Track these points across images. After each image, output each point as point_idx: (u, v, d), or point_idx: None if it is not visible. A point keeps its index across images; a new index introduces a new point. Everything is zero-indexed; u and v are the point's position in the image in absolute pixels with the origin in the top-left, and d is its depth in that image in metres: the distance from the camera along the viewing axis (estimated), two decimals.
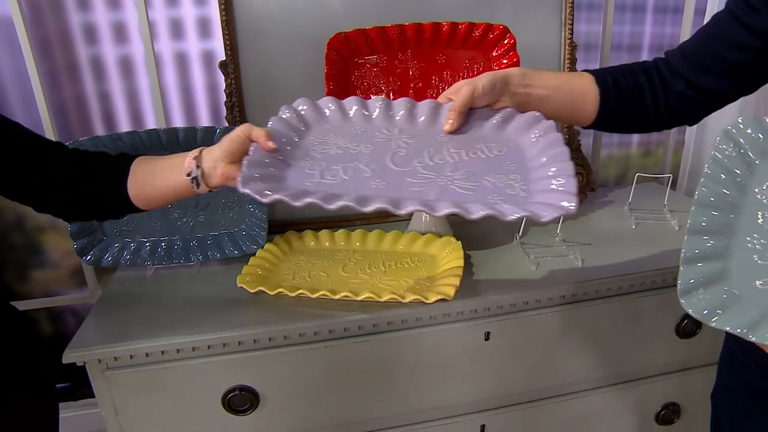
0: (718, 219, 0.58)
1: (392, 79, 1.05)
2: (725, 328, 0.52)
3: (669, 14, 1.54)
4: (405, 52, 1.04)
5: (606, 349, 1.06)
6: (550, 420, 1.09)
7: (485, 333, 0.96)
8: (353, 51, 1.02)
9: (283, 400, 0.93)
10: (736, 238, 0.57)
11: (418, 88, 1.06)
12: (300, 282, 0.97)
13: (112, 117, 1.31)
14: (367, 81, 1.04)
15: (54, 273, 1.49)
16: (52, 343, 1.56)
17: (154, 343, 0.85)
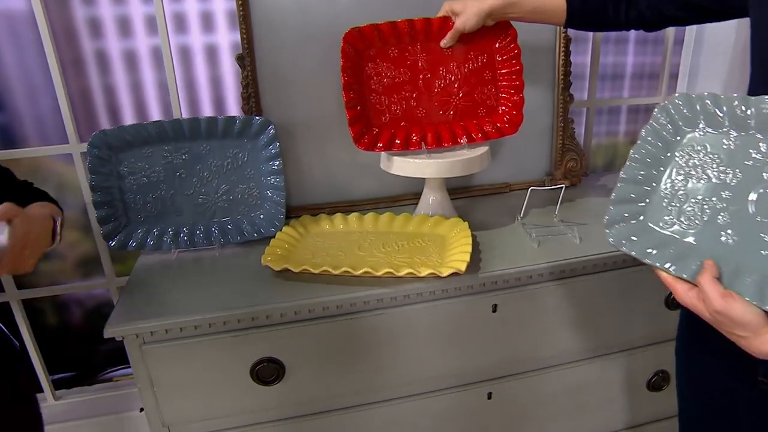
0: (644, 172, 0.73)
1: (402, 70, 1.11)
2: (631, 253, 0.70)
3: None
4: (414, 45, 1.11)
5: (602, 319, 1.14)
6: (552, 387, 1.17)
7: (493, 305, 1.04)
8: (367, 44, 1.09)
9: (307, 370, 1.00)
10: (656, 188, 0.72)
11: (427, 78, 1.13)
12: (320, 261, 1.04)
13: (117, 110, 1.36)
14: (379, 73, 1.11)
15: (59, 264, 1.53)
16: (57, 333, 1.60)
17: (188, 318, 0.91)
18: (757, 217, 0.64)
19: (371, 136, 1.11)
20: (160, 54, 1.28)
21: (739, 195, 0.66)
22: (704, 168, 0.70)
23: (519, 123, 1.14)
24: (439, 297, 1.01)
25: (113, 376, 1.70)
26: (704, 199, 0.69)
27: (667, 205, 0.71)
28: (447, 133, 1.14)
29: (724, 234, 0.66)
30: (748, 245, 0.64)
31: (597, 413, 1.24)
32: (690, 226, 0.69)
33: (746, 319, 0.59)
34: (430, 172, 1.10)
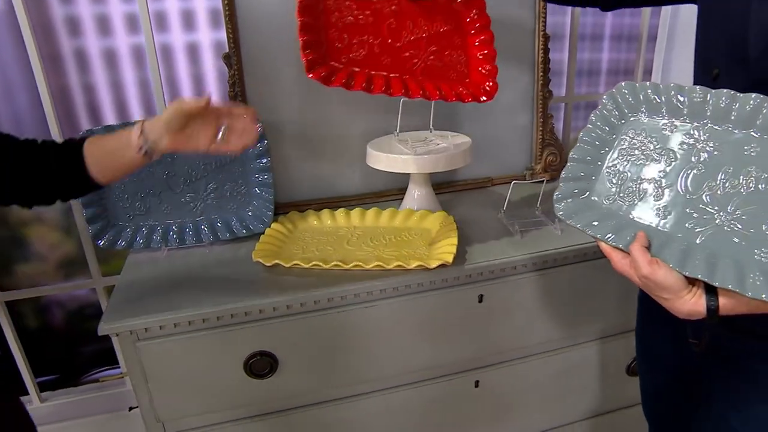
0: (592, 153, 0.81)
1: (367, 12, 1.03)
2: (576, 225, 0.77)
3: None
4: None
5: (583, 308, 1.18)
6: (537, 373, 1.20)
7: (479, 296, 1.07)
8: None
9: (300, 363, 1.02)
10: (601, 167, 0.80)
11: (392, 27, 1.05)
12: (310, 255, 1.06)
13: (97, 108, 1.36)
14: (340, 8, 1.01)
15: (40, 266, 1.52)
16: (39, 336, 1.59)
17: (181, 314, 0.92)
18: (686, 195, 0.73)
19: (327, 68, 0.99)
20: (140, 52, 1.28)
21: (674, 175, 0.75)
22: (643, 150, 0.78)
23: (493, 92, 1.10)
24: (427, 288, 1.03)
25: (98, 377, 1.70)
26: (642, 178, 0.77)
27: (611, 183, 0.79)
28: (415, 87, 1.04)
29: (658, 209, 0.75)
30: (676, 218, 0.73)
31: (580, 398, 1.29)
32: (630, 201, 0.77)
33: (668, 283, 0.66)
34: (414, 167, 1.13)
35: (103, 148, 0.81)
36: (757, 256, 0.65)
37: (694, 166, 0.74)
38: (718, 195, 0.71)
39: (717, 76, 0.74)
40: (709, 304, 0.65)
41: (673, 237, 0.72)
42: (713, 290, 0.65)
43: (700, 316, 0.66)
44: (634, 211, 0.76)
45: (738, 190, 0.70)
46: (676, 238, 0.72)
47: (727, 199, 0.71)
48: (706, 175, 0.72)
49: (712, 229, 0.71)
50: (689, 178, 0.73)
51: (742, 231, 0.69)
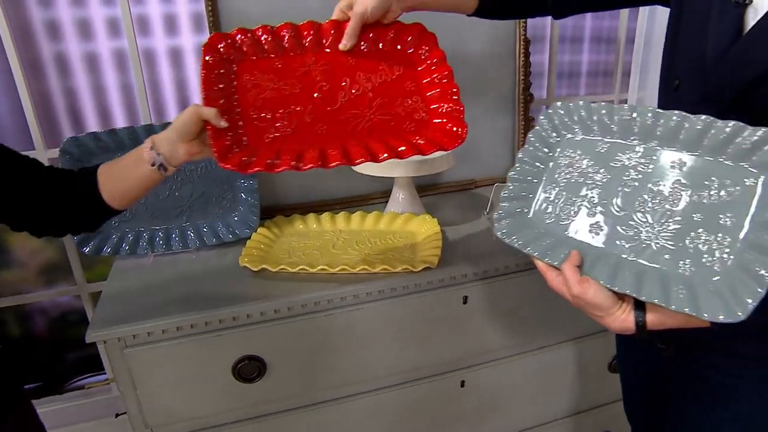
0: (530, 171, 0.83)
1: (291, 82, 0.90)
2: (515, 245, 0.79)
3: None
4: (304, 54, 0.92)
5: (565, 308, 1.19)
6: (521, 372, 1.23)
7: (463, 297, 1.09)
8: (239, 53, 0.90)
9: (288, 366, 1.03)
10: (539, 185, 0.82)
11: (325, 90, 0.91)
12: (296, 260, 1.07)
13: (79, 114, 1.36)
14: (258, 85, 0.89)
15: (21, 273, 1.51)
16: (21, 343, 1.58)
17: (169, 320, 0.93)
18: (618, 212, 0.75)
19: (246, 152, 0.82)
20: (122, 56, 1.28)
21: (606, 192, 0.77)
22: (578, 168, 0.79)
23: (463, 134, 0.86)
24: (413, 291, 1.05)
25: (82, 384, 1.69)
26: (578, 196, 0.79)
27: (548, 202, 0.81)
28: (358, 150, 0.84)
29: (592, 226, 0.77)
30: (609, 236, 0.75)
31: (564, 395, 1.31)
32: (565, 219, 0.78)
33: (598, 301, 0.68)
34: (398, 171, 1.14)
35: (116, 169, 0.80)
36: (681, 269, 0.67)
37: (625, 183, 0.75)
38: (648, 211, 0.73)
39: (677, 87, 0.75)
40: (637, 320, 0.67)
41: (605, 253, 0.74)
42: (642, 306, 0.67)
43: (630, 332, 0.68)
44: (569, 229, 0.78)
45: (666, 206, 0.72)
46: (607, 255, 0.73)
47: (655, 215, 0.72)
48: (637, 192, 0.74)
49: (641, 245, 0.73)
50: (620, 196, 0.75)
51: (669, 246, 0.70)
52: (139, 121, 1.36)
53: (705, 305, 0.63)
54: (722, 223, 0.68)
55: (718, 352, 0.77)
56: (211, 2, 1.14)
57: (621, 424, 1.14)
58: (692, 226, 0.69)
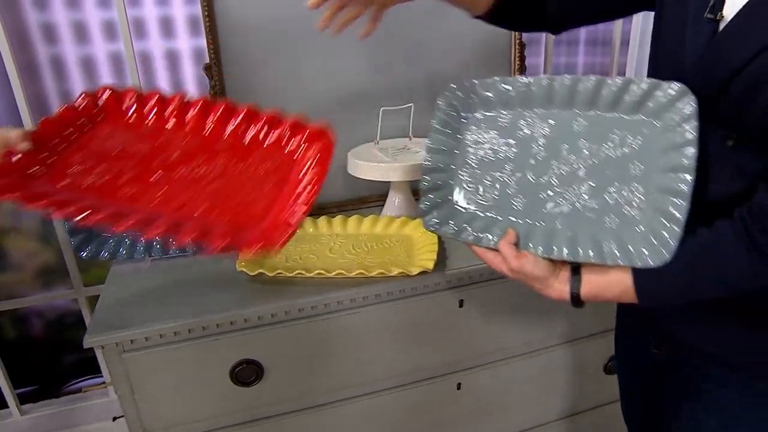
0: (442, 159, 0.83)
1: None
2: (447, 235, 0.80)
3: None
4: None
5: (560, 310, 1.21)
6: (517, 375, 1.24)
7: (459, 300, 1.10)
8: None
9: (285, 370, 1.03)
10: (455, 171, 0.82)
11: None
12: (293, 264, 1.07)
13: None
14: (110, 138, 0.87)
15: (18, 275, 1.51)
16: (17, 345, 1.58)
17: (167, 325, 0.93)
18: (535, 181, 0.78)
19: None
20: (118, 59, 1.28)
21: (519, 164, 0.79)
22: (489, 146, 0.81)
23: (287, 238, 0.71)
24: (409, 295, 1.06)
25: (79, 387, 1.69)
26: (494, 174, 0.81)
27: (468, 186, 0.82)
28: None
29: (514, 201, 0.79)
30: (534, 206, 0.78)
31: (560, 397, 1.32)
32: (488, 199, 0.81)
33: (536, 273, 0.73)
34: (396, 175, 1.15)
35: None
36: (608, 224, 0.72)
37: (535, 152, 0.78)
38: (563, 175, 0.76)
39: None
40: (572, 290, 0.72)
41: (535, 225, 0.76)
42: (578, 276, 0.72)
43: (566, 301, 0.73)
44: (493, 209, 0.80)
45: (578, 166, 0.75)
46: (538, 227, 0.76)
47: (570, 178, 0.76)
48: (548, 159, 0.77)
49: (566, 210, 0.76)
50: (533, 166, 0.78)
51: (591, 205, 0.74)
52: None
53: (636, 255, 0.68)
54: (633, 173, 0.73)
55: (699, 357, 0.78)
56: (207, 5, 1.14)
57: (617, 425, 1.14)
58: (606, 181, 0.73)
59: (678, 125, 0.68)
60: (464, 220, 0.81)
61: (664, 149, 0.70)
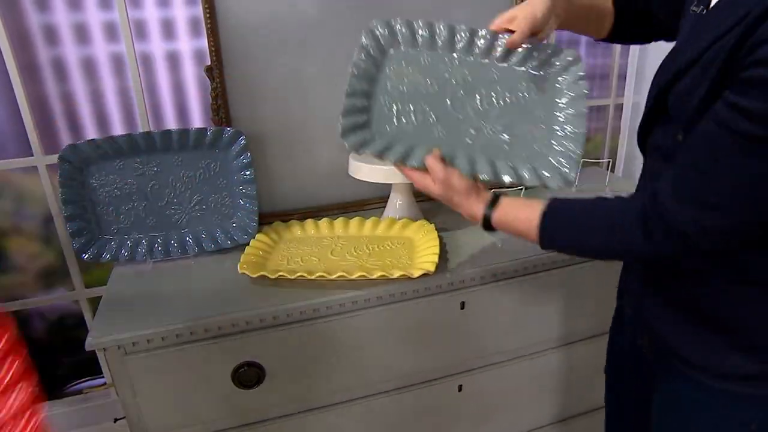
0: (365, 86, 0.89)
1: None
2: (371, 153, 0.86)
3: None
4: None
5: (562, 312, 1.21)
6: (518, 377, 1.24)
7: (461, 303, 1.10)
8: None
9: (287, 372, 1.03)
10: (377, 98, 0.89)
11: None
12: (295, 266, 1.07)
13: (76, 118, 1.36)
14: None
15: (19, 277, 1.51)
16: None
17: (169, 327, 0.93)
18: (456, 115, 0.91)
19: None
20: (119, 61, 1.28)
21: (440, 99, 0.91)
22: (411, 79, 0.91)
23: None
24: (410, 297, 1.06)
25: (80, 388, 1.69)
26: (416, 103, 0.90)
27: (390, 111, 0.90)
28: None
29: (436, 130, 0.91)
30: (454, 136, 0.90)
31: (560, 398, 1.32)
32: (411, 125, 0.90)
33: (461, 185, 0.83)
34: (397, 178, 1.15)
35: None
36: (520, 154, 0.88)
37: (454, 89, 0.90)
38: (480, 111, 0.91)
39: None
40: (486, 212, 0.82)
41: (457, 152, 0.88)
42: (497, 201, 0.83)
43: (477, 219, 0.84)
44: (416, 134, 0.89)
45: (493, 106, 0.91)
46: (460, 153, 0.88)
47: (487, 114, 0.91)
48: (465, 97, 0.91)
49: (483, 141, 0.90)
50: (453, 102, 0.90)
51: (504, 138, 0.90)
52: (136, 125, 1.37)
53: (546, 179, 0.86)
54: (537, 116, 0.91)
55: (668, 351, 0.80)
56: (209, 6, 1.14)
57: None
58: (517, 120, 0.90)
59: (574, 83, 0.88)
60: (386, 142, 0.88)
61: (563, 100, 0.89)
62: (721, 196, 0.62)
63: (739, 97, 0.58)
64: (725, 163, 0.60)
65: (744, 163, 0.59)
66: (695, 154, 0.63)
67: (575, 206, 0.77)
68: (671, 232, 0.66)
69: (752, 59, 0.56)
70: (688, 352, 0.76)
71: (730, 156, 0.60)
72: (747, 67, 0.57)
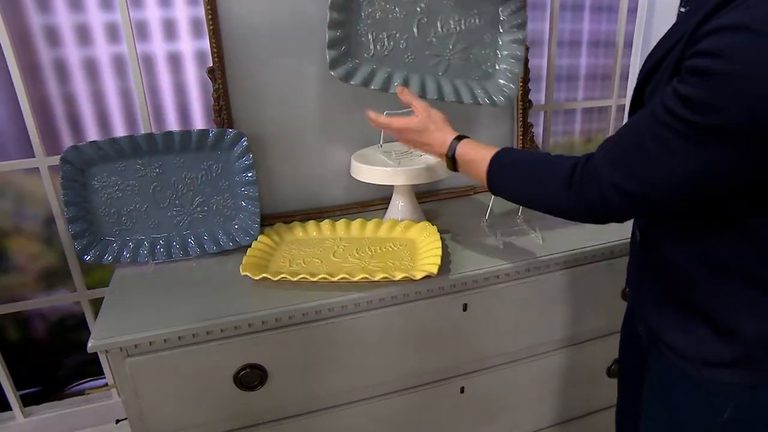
0: (342, 16, 1.06)
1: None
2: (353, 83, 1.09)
3: (605, 12, 1.72)
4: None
5: (565, 313, 1.21)
6: (520, 378, 1.23)
7: (463, 304, 1.10)
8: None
9: (289, 374, 1.03)
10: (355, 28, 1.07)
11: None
12: (297, 268, 1.07)
13: (78, 120, 1.35)
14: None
15: (20, 278, 1.51)
16: (21, 348, 1.58)
17: (171, 329, 0.93)
18: (421, 40, 1.08)
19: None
20: (120, 62, 1.28)
21: (407, 25, 1.08)
22: (381, 7, 1.06)
23: None
24: (413, 299, 1.06)
25: (82, 389, 1.69)
26: (388, 30, 1.08)
27: (365, 39, 1.08)
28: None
29: (406, 55, 1.10)
30: (421, 60, 1.09)
31: (563, 400, 1.32)
32: (386, 51, 1.08)
33: (438, 117, 1.00)
34: (399, 179, 1.15)
35: None
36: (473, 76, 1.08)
37: (419, 17, 1.07)
38: (441, 36, 1.08)
39: None
40: (453, 142, 0.95)
41: (425, 76, 1.08)
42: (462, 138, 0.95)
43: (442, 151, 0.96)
44: (392, 60, 1.09)
45: (449, 32, 1.07)
46: (428, 77, 1.08)
47: (447, 40, 1.09)
48: (429, 24, 1.07)
49: (445, 64, 1.10)
50: (420, 26, 1.07)
51: (461, 61, 1.10)
52: (138, 126, 1.37)
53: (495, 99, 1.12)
54: (486, 41, 1.13)
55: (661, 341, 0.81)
56: (211, 7, 1.14)
57: None
58: (471, 44, 1.12)
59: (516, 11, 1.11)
60: (368, 69, 1.06)
61: (506, 26, 1.12)
62: (644, 167, 0.66)
63: (680, 84, 0.61)
64: (656, 138, 0.65)
65: (675, 143, 0.63)
66: (634, 123, 0.69)
67: (521, 156, 0.88)
68: (592, 189, 0.72)
69: (695, 50, 0.59)
70: (672, 338, 0.79)
71: (664, 133, 0.64)
72: (690, 57, 0.60)
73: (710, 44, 0.57)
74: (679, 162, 0.63)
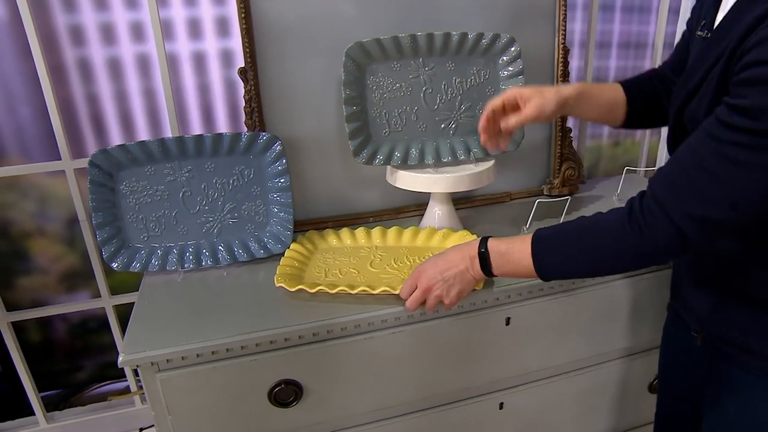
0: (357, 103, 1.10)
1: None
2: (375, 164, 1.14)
3: (635, 13, 1.67)
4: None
5: (609, 327, 1.16)
6: (561, 394, 1.19)
7: (506, 318, 1.05)
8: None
9: (325, 390, 0.99)
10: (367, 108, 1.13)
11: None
12: (333, 279, 1.03)
13: (102, 119, 1.32)
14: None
15: (42, 279, 1.48)
16: (41, 350, 1.56)
17: (205, 343, 0.89)
18: (430, 108, 1.14)
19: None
20: (145, 61, 1.24)
21: (415, 97, 1.13)
22: (390, 90, 1.11)
23: None
24: (455, 312, 1.01)
25: (103, 392, 1.66)
26: (398, 108, 1.13)
27: (380, 120, 1.13)
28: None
29: (419, 125, 1.15)
30: (432, 126, 1.16)
31: (603, 415, 1.27)
32: (400, 126, 1.14)
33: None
34: (438, 187, 1.10)
35: None
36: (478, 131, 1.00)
37: (425, 88, 1.12)
38: (448, 101, 1.14)
39: None
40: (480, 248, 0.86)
41: (438, 140, 1.16)
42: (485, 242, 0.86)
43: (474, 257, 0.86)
44: (408, 133, 1.15)
45: (455, 94, 1.14)
46: (441, 140, 1.16)
47: (453, 103, 1.15)
48: (434, 92, 1.13)
49: (455, 123, 1.16)
50: (425, 97, 1.13)
51: (468, 119, 1.16)
52: (163, 127, 1.33)
53: None
54: (488, 95, 1.16)
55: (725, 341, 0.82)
56: (244, 7, 1.09)
57: None
58: (476, 100, 1.16)
59: (512, 61, 1.15)
60: (388, 149, 1.13)
61: (504, 76, 1.17)
62: (717, 190, 0.64)
63: (734, 99, 0.62)
64: (722, 157, 0.63)
65: (743, 156, 0.62)
66: (690, 149, 0.67)
67: (561, 226, 0.80)
68: (661, 226, 0.68)
69: (742, 64, 0.62)
70: (745, 340, 0.78)
71: (729, 150, 0.63)
72: (738, 72, 0.63)
73: (759, 54, 0.60)
74: (752, 175, 0.62)
